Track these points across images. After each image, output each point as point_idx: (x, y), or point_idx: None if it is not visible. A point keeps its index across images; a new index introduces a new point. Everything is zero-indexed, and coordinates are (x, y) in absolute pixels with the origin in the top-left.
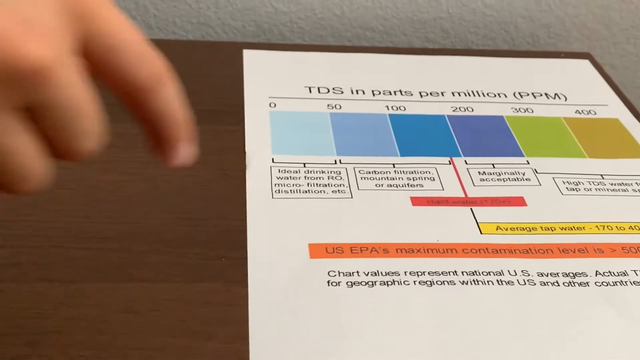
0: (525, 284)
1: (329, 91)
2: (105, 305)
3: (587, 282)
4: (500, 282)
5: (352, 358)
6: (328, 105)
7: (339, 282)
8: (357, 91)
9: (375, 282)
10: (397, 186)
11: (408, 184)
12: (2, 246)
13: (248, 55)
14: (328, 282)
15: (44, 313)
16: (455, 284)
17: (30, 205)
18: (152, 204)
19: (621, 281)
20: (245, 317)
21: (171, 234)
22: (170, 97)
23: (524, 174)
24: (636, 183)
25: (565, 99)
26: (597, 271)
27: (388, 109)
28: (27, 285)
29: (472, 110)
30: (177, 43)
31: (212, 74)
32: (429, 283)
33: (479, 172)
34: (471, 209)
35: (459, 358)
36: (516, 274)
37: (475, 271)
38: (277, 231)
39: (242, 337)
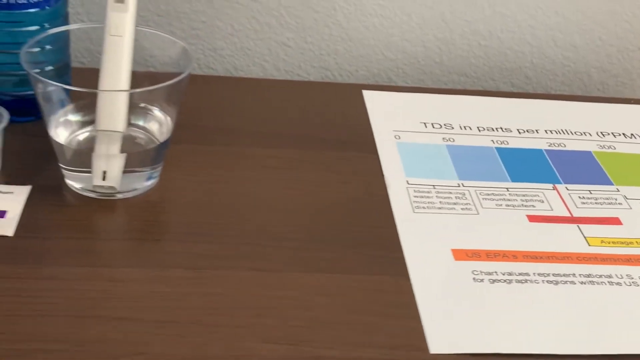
0: (630, 285)
1: (441, 127)
2: (305, 289)
3: None
4: (610, 283)
5: (498, 334)
6: (443, 139)
7: (482, 279)
8: (464, 127)
9: (511, 280)
10: (513, 206)
11: (522, 205)
12: (219, 242)
13: (367, 95)
14: (473, 278)
15: (261, 294)
16: (575, 283)
17: (235, 211)
18: (318, 214)
19: None
20: (412, 302)
21: (339, 235)
22: None
23: (616, 199)
24: None
25: None
26: None
27: (494, 143)
28: (239, 272)
29: (565, 146)
30: (301, 84)
31: (337, 110)
32: (554, 282)
33: (579, 197)
34: (578, 226)
35: (580, 340)
36: (622, 277)
37: (590, 274)
38: (423, 238)
39: (412, 316)
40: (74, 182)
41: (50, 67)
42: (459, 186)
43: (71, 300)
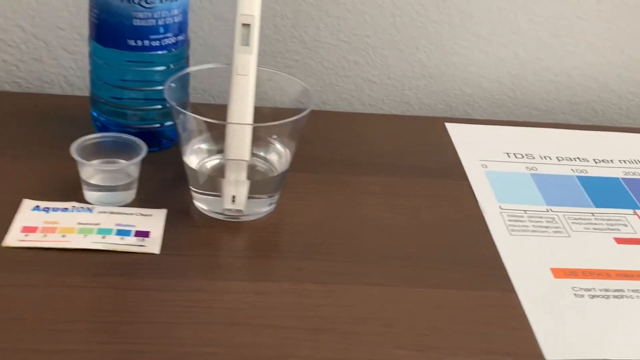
0: None
1: (523, 156)
2: (423, 303)
3: None
4: None
5: (605, 342)
6: (526, 167)
7: (582, 295)
8: (545, 157)
9: (608, 295)
10: (600, 229)
11: (608, 228)
12: (340, 260)
13: (450, 127)
14: (574, 294)
15: (386, 307)
16: None
17: (348, 232)
18: (422, 235)
19: None
20: (522, 314)
21: (445, 255)
22: None
23: None
24: None
25: None
26: None
27: (574, 171)
28: (363, 287)
29: (639, 175)
30: (384, 117)
31: (422, 141)
32: None
33: None
34: None
35: None
36: None
37: None
38: (523, 258)
39: (524, 327)
40: (203, 205)
41: (174, 102)
42: (548, 211)
43: (221, 310)
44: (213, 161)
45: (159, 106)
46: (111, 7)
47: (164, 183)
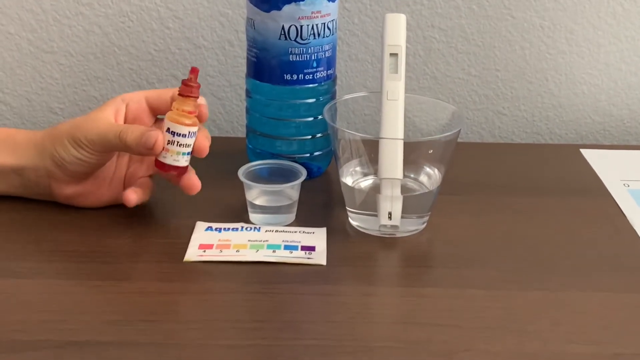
0: None
1: None
2: (591, 306)
3: None
4: None
5: None
6: None
7: None
8: None
9: None
10: None
11: None
12: (495, 269)
13: (586, 152)
14: None
15: (548, 308)
16: None
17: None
18: (579, 247)
19: None
20: None
21: (607, 263)
22: None
23: None
24: None
25: None
26: None
27: None
28: (521, 292)
29: None
30: (517, 145)
31: (559, 166)
32: None
33: None
34: None
35: None
36: None
37: None
38: None
39: None
40: (359, 223)
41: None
42: None
43: (390, 311)
44: (367, 181)
45: (309, 136)
46: (269, 45)
47: (318, 206)
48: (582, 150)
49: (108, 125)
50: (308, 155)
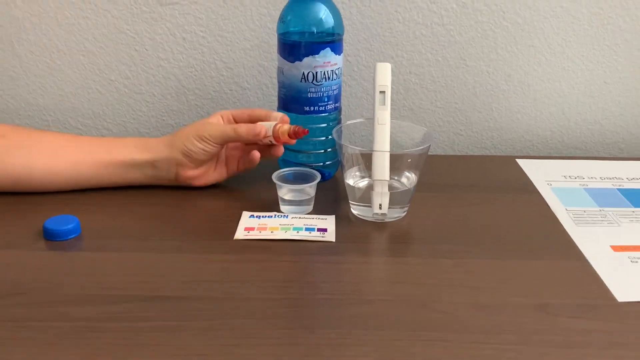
0: None
1: (575, 178)
2: (519, 270)
3: None
4: None
5: None
6: (579, 184)
7: (637, 261)
8: (590, 177)
9: None
10: None
11: None
12: (463, 244)
13: (520, 162)
14: (630, 261)
15: (493, 273)
16: None
17: (463, 229)
18: (512, 229)
19: None
20: (594, 273)
21: (531, 240)
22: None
23: None
24: None
25: None
26: None
27: (613, 185)
28: (479, 260)
29: None
30: (470, 157)
31: (497, 172)
32: None
33: None
34: None
35: None
36: None
37: None
38: (588, 240)
39: (597, 282)
40: (359, 212)
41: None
42: (601, 211)
43: (384, 273)
44: (364, 182)
45: (322, 150)
46: (293, 86)
47: (328, 201)
48: (518, 160)
49: (223, 125)
50: (322, 164)
